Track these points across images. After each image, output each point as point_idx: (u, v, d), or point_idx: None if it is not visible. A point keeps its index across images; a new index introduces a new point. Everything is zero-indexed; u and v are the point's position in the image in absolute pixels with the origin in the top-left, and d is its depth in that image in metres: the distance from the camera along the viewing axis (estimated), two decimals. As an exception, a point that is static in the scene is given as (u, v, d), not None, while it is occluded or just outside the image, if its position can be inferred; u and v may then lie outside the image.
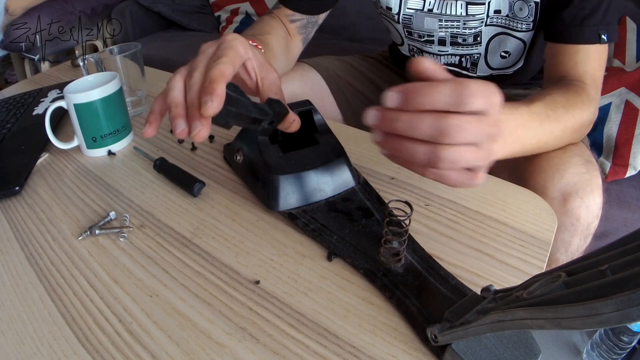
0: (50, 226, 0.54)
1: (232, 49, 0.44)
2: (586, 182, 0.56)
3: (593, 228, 0.59)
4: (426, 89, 0.34)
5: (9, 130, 0.75)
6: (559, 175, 0.57)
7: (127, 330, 0.40)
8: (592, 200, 0.56)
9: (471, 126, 0.34)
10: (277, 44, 0.73)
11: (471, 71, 0.82)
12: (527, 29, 0.71)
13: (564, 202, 0.55)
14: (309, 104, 0.57)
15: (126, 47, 0.77)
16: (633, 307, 0.21)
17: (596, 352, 1.07)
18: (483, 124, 0.35)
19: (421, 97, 0.34)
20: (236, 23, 2.02)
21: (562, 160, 0.58)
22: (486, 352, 0.34)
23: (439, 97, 0.34)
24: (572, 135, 0.58)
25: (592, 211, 0.57)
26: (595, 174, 0.58)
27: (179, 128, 0.41)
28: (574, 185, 0.56)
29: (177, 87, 0.43)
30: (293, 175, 0.51)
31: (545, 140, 0.55)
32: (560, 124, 0.55)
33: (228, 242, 0.50)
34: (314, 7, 0.80)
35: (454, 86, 0.34)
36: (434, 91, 0.34)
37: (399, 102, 0.35)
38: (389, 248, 0.44)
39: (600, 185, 0.58)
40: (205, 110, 0.38)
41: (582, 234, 0.58)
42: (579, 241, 0.59)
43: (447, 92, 0.34)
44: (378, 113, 0.36)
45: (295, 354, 0.38)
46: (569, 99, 0.57)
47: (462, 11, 0.71)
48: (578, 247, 0.60)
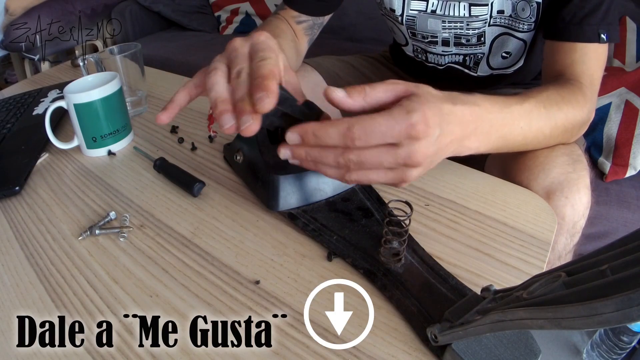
0: (50, 226, 0.54)
1: (272, 51, 0.43)
2: (572, 181, 0.56)
3: (580, 227, 0.59)
4: (318, 132, 0.39)
5: (9, 130, 0.75)
6: (544, 174, 0.57)
7: (127, 330, 0.40)
8: (577, 199, 0.56)
9: (378, 157, 0.38)
10: (288, 47, 0.73)
11: (472, 70, 0.82)
12: (529, 29, 0.71)
13: (547, 200, 0.55)
14: (310, 104, 0.56)
15: (126, 47, 0.77)
16: (633, 307, 0.21)
17: (596, 352, 1.07)
18: (391, 156, 0.38)
19: (314, 140, 0.39)
20: (236, 23, 2.02)
21: (548, 159, 0.58)
22: (486, 352, 0.34)
23: (330, 140, 0.38)
24: (563, 134, 0.58)
25: (578, 210, 0.57)
26: (583, 173, 0.58)
27: (228, 123, 0.40)
28: (559, 184, 0.56)
29: (220, 83, 0.42)
30: (293, 175, 0.51)
31: (532, 138, 0.55)
32: (552, 122, 0.55)
33: (228, 242, 0.50)
34: (321, 9, 0.80)
35: (343, 131, 0.38)
36: (324, 135, 0.38)
37: (298, 143, 0.40)
38: (389, 248, 0.44)
39: (587, 185, 0.57)
40: (261, 107, 0.38)
41: (568, 232, 0.58)
42: (565, 240, 0.59)
43: (337, 137, 0.38)
44: (288, 152, 0.41)
45: (295, 354, 0.38)
46: (564, 98, 0.56)
47: (465, 12, 0.71)
48: (565, 246, 0.60)
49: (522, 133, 0.52)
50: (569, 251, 0.61)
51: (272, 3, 1.94)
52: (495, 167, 0.66)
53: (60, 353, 0.39)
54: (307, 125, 0.39)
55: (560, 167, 0.57)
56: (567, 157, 0.59)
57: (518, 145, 0.54)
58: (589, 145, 1.10)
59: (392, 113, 0.37)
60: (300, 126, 0.40)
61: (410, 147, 0.38)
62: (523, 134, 0.53)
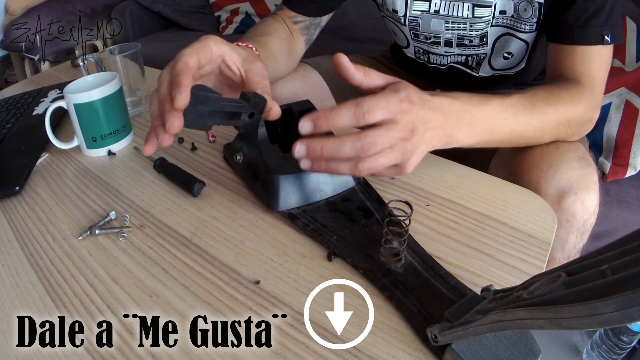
0: (50, 226, 0.54)
1: (198, 42, 0.47)
2: (580, 178, 0.56)
3: (590, 225, 0.59)
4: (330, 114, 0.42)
5: (9, 130, 0.75)
6: (553, 171, 0.57)
7: (127, 330, 0.40)
8: (587, 196, 0.56)
9: (381, 138, 0.42)
10: (277, 45, 0.73)
11: (474, 70, 0.82)
12: (531, 30, 0.70)
13: (558, 198, 0.55)
14: (309, 103, 0.57)
15: (126, 47, 0.77)
16: (633, 307, 0.21)
17: (596, 352, 1.07)
18: (392, 131, 0.42)
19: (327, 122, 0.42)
20: (236, 23, 2.02)
21: (555, 157, 0.58)
22: (486, 352, 0.34)
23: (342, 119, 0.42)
24: (557, 127, 0.58)
25: (588, 208, 0.57)
26: (590, 170, 0.58)
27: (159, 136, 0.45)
28: (568, 181, 0.56)
29: (154, 102, 0.46)
30: (293, 175, 0.51)
31: (521, 131, 0.55)
32: (540, 116, 0.56)
33: (228, 242, 0.50)
34: (316, 10, 0.80)
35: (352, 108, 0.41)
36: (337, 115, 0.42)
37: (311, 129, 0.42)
38: (389, 248, 0.44)
39: (596, 182, 0.57)
40: (175, 103, 0.41)
41: (579, 230, 0.58)
42: (575, 238, 0.59)
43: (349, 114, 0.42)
44: (304, 147, 0.43)
45: (296, 354, 0.38)
46: (553, 94, 0.57)
47: (468, 13, 0.71)
48: (575, 245, 0.60)
49: (508, 125, 0.53)
50: (578, 250, 0.61)
51: (272, 3, 1.94)
52: (501, 165, 0.66)
53: (60, 353, 0.39)
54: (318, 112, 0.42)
55: (567, 164, 0.57)
56: (572, 154, 0.58)
57: (508, 138, 0.55)
58: (589, 145, 1.10)
59: (384, 92, 0.44)
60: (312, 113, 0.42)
61: (403, 120, 0.43)
62: (509, 126, 0.53)
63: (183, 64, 0.44)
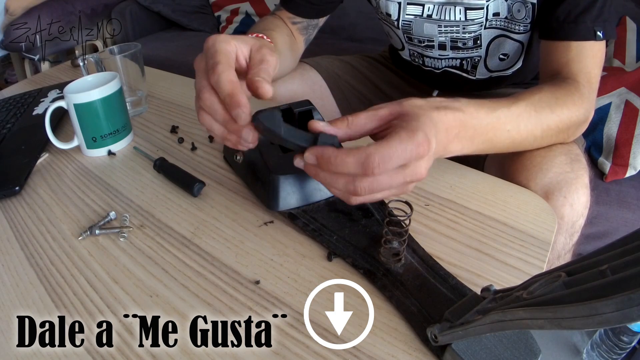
0: (50, 226, 0.54)
1: (218, 52, 0.44)
2: (571, 180, 0.56)
3: (579, 226, 0.59)
4: (335, 160, 0.38)
5: (9, 130, 0.75)
6: (542, 174, 0.57)
7: (127, 330, 0.40)
8: (576, 198, 0.56)
9: (383, 184, 0.38)
10: (282, 40, 0.74)
11: (471, 74, 0.82)
12: (525, 30, 0.70)
13: (546, 200, 0.55)
14: (309, 103, 0.57)
15: (126, 47, 0.77)
16: (633, 307, 0.21)
17: (596, 352, 1.07)
18: (399, 175, 0.38)
19: (329, 167, 0.39)
20: (236, 23, 2.02)
21: (546, 159, 0.58)
22: (486, 352, 0.34)
23: (347, 168, 0.38)
24: (557, 135, 0.58)
25: (577, 210, 0.57)
26: (581, 172, 0.57)
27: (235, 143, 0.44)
28: (557, 183, 0.56)
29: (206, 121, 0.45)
30: (293, 175, 0.51)
31: (522, 140, 0.55)
32: (543, 125, 0.55)
33: (228, 242, 0.50)
34: (313, 12, 0.80)
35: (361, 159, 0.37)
36: (341, 163, 0.38)
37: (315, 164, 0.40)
38: (389, 248, 0.44)
39: (586, 184, 0.57)
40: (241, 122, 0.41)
41: (567, 232, 0.58)
42: (564, 239, 0.59)
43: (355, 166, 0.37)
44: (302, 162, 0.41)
45: (295, 354, 0.38)
46: (558, 99, 0.56)
47: (461, 16, 0.71)
48: (564, 245, 0.60)
49: (510, 136, 0.52)
50: (568, 250, 0.61)
51: (272, 3, 1.94)
52: (494, 166, 0.66)
53: (60, 353, 0.39)
54: (326, 150, 0.39)
55: (558, 167, 0.57)
56: (565, 156, 0.58)
57: (506, 147, 0.54)
58: (589, 145, 1.10)
59: (400, 137, 0.38)
60: (318, 149, 0.40)
61: (415, 165, 0.39)
62: (510, 137, 0.53)
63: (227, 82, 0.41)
